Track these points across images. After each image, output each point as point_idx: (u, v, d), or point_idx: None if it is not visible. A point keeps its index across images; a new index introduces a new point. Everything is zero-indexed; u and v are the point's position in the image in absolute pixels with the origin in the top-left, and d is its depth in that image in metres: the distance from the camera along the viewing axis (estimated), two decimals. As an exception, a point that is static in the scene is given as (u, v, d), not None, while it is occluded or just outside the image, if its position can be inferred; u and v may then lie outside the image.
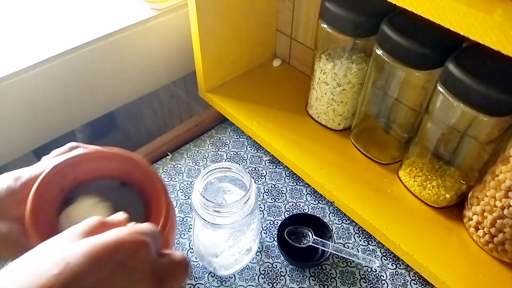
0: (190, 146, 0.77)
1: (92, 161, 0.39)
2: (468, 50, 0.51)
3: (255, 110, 0.75)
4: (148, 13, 0.75)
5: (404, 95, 0.60)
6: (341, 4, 0.59)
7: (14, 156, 0.71)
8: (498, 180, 0.51)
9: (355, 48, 0.63)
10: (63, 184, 0.38)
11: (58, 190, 0.37)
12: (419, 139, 0.59)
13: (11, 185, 0.36)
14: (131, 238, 0.27)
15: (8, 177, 0.36)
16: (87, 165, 0.39)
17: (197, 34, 0.69)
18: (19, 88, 0.64)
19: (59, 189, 0.37)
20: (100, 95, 0.76)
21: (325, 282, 0.59)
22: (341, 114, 0.70)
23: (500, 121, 0.49)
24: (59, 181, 0.37)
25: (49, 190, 0.36)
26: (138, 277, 0.26)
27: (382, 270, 0.60)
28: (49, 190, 0.36)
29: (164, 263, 0.29)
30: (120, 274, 0.25)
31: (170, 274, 0.29)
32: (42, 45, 0.68)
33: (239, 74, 0.83)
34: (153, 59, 0.80)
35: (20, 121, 0.68)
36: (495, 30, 0.34)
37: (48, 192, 0.36)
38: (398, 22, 0.55)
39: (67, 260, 0.24)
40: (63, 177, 0.37)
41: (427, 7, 0.38)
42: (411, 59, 0.54)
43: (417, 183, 0.61)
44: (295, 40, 0.81)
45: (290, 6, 0.78)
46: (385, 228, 0.58)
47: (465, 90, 0.48)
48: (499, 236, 0.53)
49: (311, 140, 0.70)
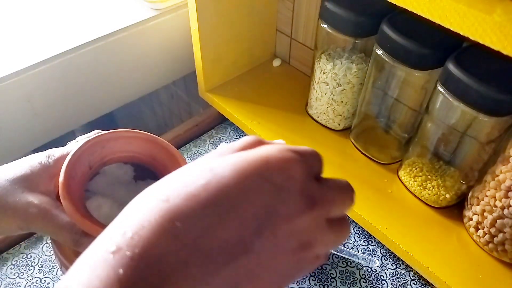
0: (190, 146, 0.77)
1: (119, 140, 0.41)
2: (468, 50, 0.51)
3: (255, 110, 0.75)
4: (148, 13, 0.75)
5: (404, 95, 0.60)
6: (341, 4, 0.59)
7: (14, 156, 0.70)
8: (498, 180, 0.51)
9: (355, 48, 0.63)
10: (92, 161, 0.40)
11: (87, 167, 0.39)
12: (419, 139, 0.59)
13: (44, 161, 0.38)
14: (281, 154, 0.25)
15: (40, 155, 0.38)
16: (114, 144, 0.41)
17: (197, 34, 0.69)
18: (19, 88, 0.64)
19: (88, 166, 0.39)
20: (100, 95, 0.76)
21: (325, 282, 0.59)
22: (341, 114, 0.70)
23: (500, 121, 0.49)
24: (88, 157, 0.39)
25: (79, 165, 0.38)
26: (286, 196, 0.24)
27: (382, 270, 0.60)
28: (79, 165, 0.38)
29: (321, 187, 0.26)
30: (266, 190, 0.23)
31: (328, 198, 0.26)
32: (42, 45, 0.68)
33: (239, 74, 0.83)
34: (153, 59, 0.80)
35: (20, 121, 0.68)
36: (495, 30, 0.34)
37: (78, 167, 0.38)
38: (398, 22, 0.55)
39: (215, 171, 0.23)
40: (91, 154, 0.39)
41: (427, 7, 0.38)
42: (411, 59, 0.54)
43: (417, 183, 0.61)
44: (295, 40, 0.81)
45: (290, 6, 0.77)
46: (385, 228, 0.58)
47: (465, 90, 0.48)
48: (499, 236, 0.53)
49: (311, 140, 0.70)
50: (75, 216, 0.35)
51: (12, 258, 0.60)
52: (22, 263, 0.59)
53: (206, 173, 0.23)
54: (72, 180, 0.36)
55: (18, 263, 0.59)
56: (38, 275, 0.58)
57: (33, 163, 0.38)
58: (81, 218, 0.35)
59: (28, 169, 0.37)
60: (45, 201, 0.36)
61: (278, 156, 0.25)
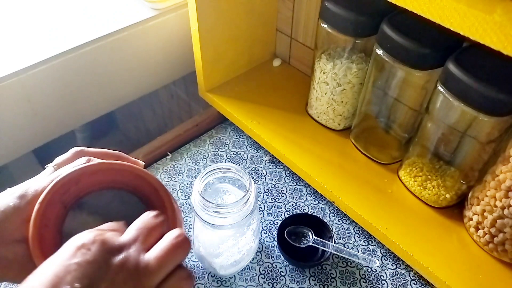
0: (190, 146, 0.77)
1: (94, 175, 0.37)
2: (468, 50, 0.51)
3: (255, 110, 0.75)
4: (148, 13, 0.75)
5: (404, 95, 0.60)
6: (341, 4, 0.59)
7: (14, 156, 0.71)
8: (498, 180, 0.51)
9: (355, 48, 0.63)
10: (66, 201, 0.36)
11: (61, 208, 0.36)
12: (419, 139, 0.59)
13: (17, 203, 0.35)
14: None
15: (13, 194, 0.35)
16: (89, 179, 0.37)
17: (197, 34, 0.69)
18: (19, 88, 0.64)
19: (61, 207, 0.36)
20: (100, 95, 0.76)
21: (325, 282, 0.59)
22: (341, 114, 0.69)
23: (500, 121, 0.49)
24: (61, 198, 0.36)
25: (52, 209, 0.35)
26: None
27: (382, 270, 0.60)
28: (52, 209, 0.35)
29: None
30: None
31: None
32: (42, 45, 0.68)
33: (239, 74, 0.82)
34: (153, 59, 0.80)
35: (20, 121, 0.68)
36: (495, 30, 0.34)
37: (51, 211, 0.35)
38: (398, 22, 0.55)
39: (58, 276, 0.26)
40: (65, 194, 0.36)
41: (427, 7, 0.38)
42: (411, 59, 0.54)
43: (417, 183, 0.61)
44: (295, 40, 0.81)
45: (290, 6, 0.77)
46: (385, 228, 0.58)
47: (465, 90, 0.48)
48: (499, 236, 0.53)
49: (311, 140, 0.70)
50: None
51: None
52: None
53: (51, 278, 0.27)
54: (45, 229, 0.34)
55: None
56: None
57: (6, 207, 0.34)
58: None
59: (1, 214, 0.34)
60: (19, 254, 0.34)
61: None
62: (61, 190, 0.35)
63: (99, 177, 0.37)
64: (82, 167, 0.36)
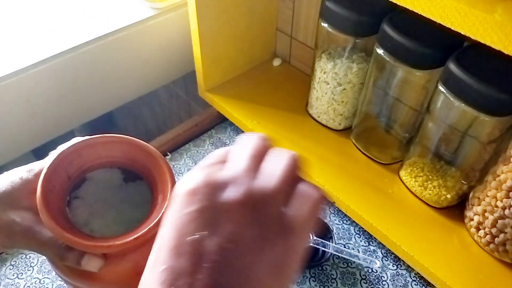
0: (190, 146, 0.77)
1: (95, 146, 0.40)
2: (469, 50, 0.51)
3: (255, 110, 0.75)
4: (148, 12, 0.75)
5: (405, 95, 0.60)
6: (342, 3, 0.58)
7: (14, 156, 0.71)
8: (499, 180, 0.50)
9: (355, 47, 0.63)
10: (70, 171, 0.39)
11: (65, 177, 0.39)
12: (420, 139, 0.59)
13: (24, 176, 0.37)
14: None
15: (21, 169, 0.38)
16: (91, 151, 0.40)
17: (197, 34, 0.69)
18: (18, 88, 0.64)
19: (66, 176, 0.39)
20: (99, 95, 0.76)
21: (325, 283, 0.58)
22: (341, 114, 0.69)
23: (501, 121, 0.49)
24: (65, 168, 0.38)
25: (56, 177, 0.37)
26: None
27: (383, 271, 0.60)
28: (56, 177, 0.37)
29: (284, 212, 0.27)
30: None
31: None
32: (41, 45, 0.68)
33: (239, 74, 0.82)
34: (153, 58, 0.80)
35: (19, 121, 0.67)
36: (496, 29, 0.34)
37: (55, 179, 0.37)
38: (399, 22, 0.54)
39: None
40: (69, 164, 0.39)
41: (428, 7, 0.38)
42: (412, 58, 0.54)
43: (418, 183, 0.61)
44: (295, 39, 0.81)
45: (290, 5, 0.77)
46: (386, 229, 0.58)
47: (466, 89, 0.48)
48: (500, 237, 0.52)
49: (312, 140, 0.70)
50: (55, 231, 0.34)
51: (11, 258, 0.60)
52: (21, 264, 0.59)
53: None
54: (50, 193, 0.36)
55: (17, 263, 0.59)
56: (37, 275, 0.58)
57: (14, 178, 0.37)
58: (62, 232, 0.34)
59: (9, 185, 0.37)
60: (27, 218, 0.36)
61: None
62: (65, 161, 0.38)
63: (99, 150, 0.41)
64: (83, 139, 0.40)
